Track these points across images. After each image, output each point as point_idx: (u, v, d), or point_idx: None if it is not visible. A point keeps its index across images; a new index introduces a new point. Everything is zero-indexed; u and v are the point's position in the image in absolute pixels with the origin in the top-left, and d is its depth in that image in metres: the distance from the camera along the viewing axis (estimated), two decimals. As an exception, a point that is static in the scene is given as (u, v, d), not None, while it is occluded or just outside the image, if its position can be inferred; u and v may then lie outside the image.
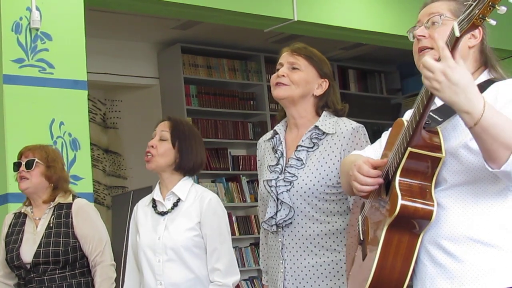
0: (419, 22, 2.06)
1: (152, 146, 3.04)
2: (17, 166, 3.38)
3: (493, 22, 1.66)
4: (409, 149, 1.85)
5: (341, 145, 2.64)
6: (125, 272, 3.14)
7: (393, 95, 8.46)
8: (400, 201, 1.83)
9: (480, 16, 1.62)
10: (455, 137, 1.91)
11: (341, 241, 2.64)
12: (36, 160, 3.36)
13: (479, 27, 1.93)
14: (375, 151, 2.22)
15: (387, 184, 1.97)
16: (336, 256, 2.64)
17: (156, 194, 3.08)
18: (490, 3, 1.60)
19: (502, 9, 1.62)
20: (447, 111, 1.92)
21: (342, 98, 2.86)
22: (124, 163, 7.57)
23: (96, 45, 6.21)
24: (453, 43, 1.71)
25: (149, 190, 3.21)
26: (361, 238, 2.12)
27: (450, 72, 1.69)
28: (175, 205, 3.03)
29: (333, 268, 2.64)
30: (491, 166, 1.75)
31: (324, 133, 2.69)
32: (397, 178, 1.87)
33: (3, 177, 3.92)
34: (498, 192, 1.86)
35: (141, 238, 3.03)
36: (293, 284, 2.66)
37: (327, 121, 2.72)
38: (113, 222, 7.06)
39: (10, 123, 3.96)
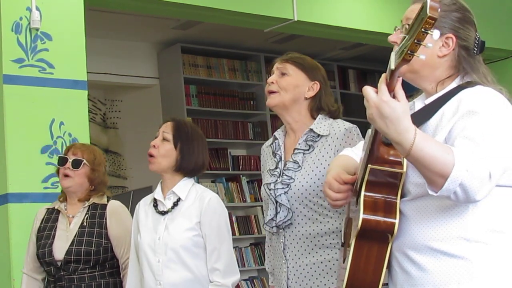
0: (401, 23, 2.07)
1: (154, 146, 3.05)
2: (62, 161, 3.39)
3: (422, 57, 1.67)
4: (369, 166, 1.89)
5: (335, 146, 2.72)
6: (128, 270, 3.16)
7: (393, 95, 8.46)
8: (362, 215, 1.87)
9: (409, 52, 1.64)
10: None
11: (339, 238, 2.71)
12: (85, 161, 3.37)
13: (451, 36, 1.95)
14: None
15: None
16: (336, 253, 2.70)
17: (157, 193, 3.09)
18: (416, 41, 1.61)
19: (429, 46, 1.64)
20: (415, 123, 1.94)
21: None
22: (124, 163, 7.57)
23: (96, 45, 6.22)
24: (390, 75, 1.73)
25: (149, 190, 3.22)
26: (343, 241, 2.16)
27: (381, 105, 1.73)
28: (175, 204, 3.04)
29: (333, 264, 2.69)
30: (430, 189, 1.80)
31: (319, 135, 2.76)
32: (362, 192, 1.91)
33: (4, 177, 3.91)
34: (458, 203, 1.89)
35: (141, 237, 3.04)
36: (296, 282, 2.73)
37: (322, 123, 2.78)
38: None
39: (10, 123, 3.96)
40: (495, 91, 1.95)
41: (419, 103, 2.05)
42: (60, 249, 3.27)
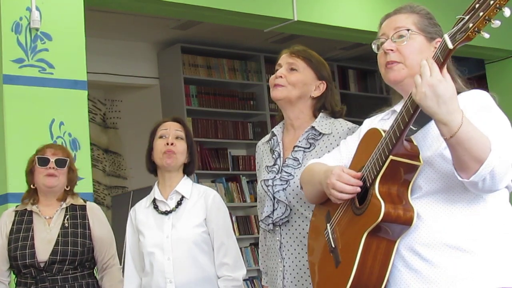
0: (383, 35, 2.11)
1: (172, 144, 3.06)
2: (45, 161, 3.35)
3: (486, 35, 1.70)
4: (391, 157, 1.90)
5: (337, 145, 2.64)
6: (125, 275, 3.14)
7: (393, 95, 8.46)
8: (383, 208, 1.87)
9: (475, 29, 1.67)
10: (428, 146, 1.96)
11: None
12: (68, 160, 3.39)
13: (440, 40, 1.98)
14: (334, 159, 2.26)
15: (362, 192, 2.01)
16: None
17: (156, 194, 3.09)
18: (486, 17, 1.65)
19: (497, 23, 1.67)
20: (421, 120, 1.97)
21: (342, 98, 2.88)
22: (124, 163, 7.57)
23: (96, 45, 6.22)
24: (445, 56, 1.76)
25: (149, 190, 3.21)
26: (333, 246, 2.12)
27: (436, 84, 1.74)
28: (179, 203, 3.04)
29: None
30: (461, 175, 1.81)
31: (320, 133, 2.72)
32: (377, 185, 1.91)
33: (3, 177, 3.92)
34: (471, 199, 1.92)
35: (146, 238, 3.04)
36: (291, 282, 2.67)
37: (323, 122, 2.74)
38: (113, 222, 7.05)
39: (10, 123, 3.96)
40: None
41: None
42: (43, 250, 3.24)
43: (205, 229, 3.01)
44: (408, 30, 2.05)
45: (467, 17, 1.69)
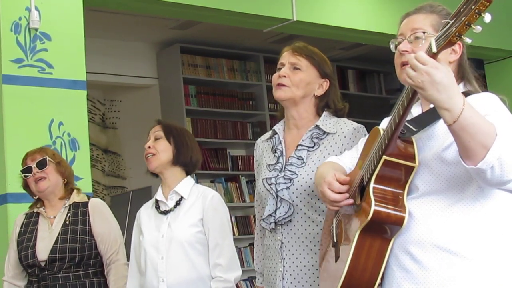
0: (401, 35, 2.10)
1: (149, 147, 3.08)
2: (28, 170, 3.38)
3: (468, 40, 1.71)
4: (384, 157, 1.92)
5: (342, 144, 2.64)
6: (128, 275, 3.17)
7: (392, 95, 8.47)
8: (374, 207, 1.89)
9: (457, 34, 1.68)
10: (429, 148, 1.96)
11: None
12: (48, 158, 3.38)
13: (459, 43, 1.98)
14: (351, 157, 2.28)
15: (362, 190, 2.02)
16: None
17: (158, 195, 3.12)
18: (466, 22, 1.65)
19: (478, 28, 1.67)
20: (422, 122, 1.98)
21: (341, 98, 2.86)
22: (123, 163, 7.57)
23: (95, 45, 6.21)
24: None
25: (148, 190, 3.23)
26: (335, 241, 2.16)
27: (433, 71, 1.74)
28: (177, 203, 3.05)
29: None
30: (467, 163, 1.79)
31: (325, 132, 2.69)
32: (372, 184, 1.93)
33: (3, 177, 3.91)
34: (468, 202, 1.92)
35: (144, 237, 3.06)
36: (291, 283, 2.65)
37: (327, 121, 2.72)
38: (112, 222, 7.05)
39: (9, 123, 3.96)
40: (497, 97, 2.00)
41: (417, 109, 2.07)
42: (43, 249, 3.27)
43: (201, 229, 3.00)
44: (424, 32, 2.04)
45: (451, 22, 1.69)
